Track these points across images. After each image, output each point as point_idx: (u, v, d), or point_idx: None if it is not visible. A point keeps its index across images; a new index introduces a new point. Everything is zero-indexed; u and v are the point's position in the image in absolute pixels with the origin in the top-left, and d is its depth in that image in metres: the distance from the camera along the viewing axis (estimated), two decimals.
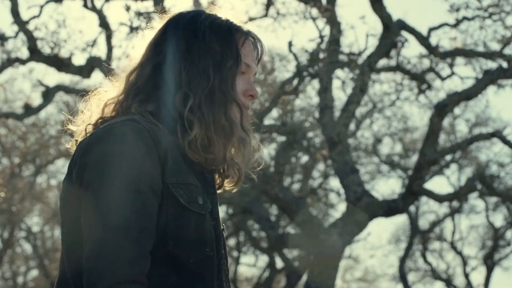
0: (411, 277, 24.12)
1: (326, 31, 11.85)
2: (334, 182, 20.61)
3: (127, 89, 2.07)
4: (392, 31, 11.42)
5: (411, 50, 68.52)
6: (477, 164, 19.12)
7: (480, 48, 12.14)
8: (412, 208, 20.97)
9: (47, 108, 15.81)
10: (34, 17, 11.85)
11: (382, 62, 12.72)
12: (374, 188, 21.15)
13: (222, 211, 19.19)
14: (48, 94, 12.90)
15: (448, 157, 18.56)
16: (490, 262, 22.04)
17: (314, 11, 11.82)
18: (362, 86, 11.50)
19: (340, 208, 21.01)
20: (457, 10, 11.82)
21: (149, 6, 11.19)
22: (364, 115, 18.36)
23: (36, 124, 18.71)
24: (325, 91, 11.61)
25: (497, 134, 12.20)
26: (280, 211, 17.32)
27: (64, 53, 11.83)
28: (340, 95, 23.09)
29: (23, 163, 20.69)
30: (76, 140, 2.08)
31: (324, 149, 13.61)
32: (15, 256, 25.84)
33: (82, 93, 2.22)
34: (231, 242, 22.57)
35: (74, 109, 2.19)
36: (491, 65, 11.88)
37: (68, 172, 1.99)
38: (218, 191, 2.16)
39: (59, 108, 19.05)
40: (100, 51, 12.43)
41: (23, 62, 12.04)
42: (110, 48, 11.74)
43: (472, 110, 19.21)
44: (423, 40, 11.88)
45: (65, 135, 2.18)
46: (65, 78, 22.53)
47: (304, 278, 15.19)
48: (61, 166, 22.30)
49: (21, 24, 11.68)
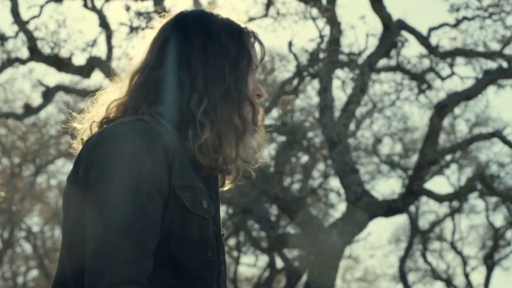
0: (411, 277, 24.12)
1: (326, 31, 11.87)
2: (334, 182, 20.62)
3: (134, 89, 2.05)
4: (392, 31, 11.42)
5: (411, 50, 68.49)
6: (477, 164, 19.11)
7: (480, 48, 12.14)
8: (412, 208, 20.96)
9: (47, 108, 15.80)
10: (34, 17, 11.86)
11: (382, 62, 12.73)
12: (374, 188, 21.15)
13: (222, 211, 19.13)
14: (48, 94, 12.90)
15: (448, 157, 18.55)
16: (490, 262, 22.03)
17: (314, 11, 11.83)
18: (362, 86, 11.50)
19: (340, 208, 21.02)
20: (457, 10, 11.83)
21: (149, 6, 11.20)
22: (364, 115, 18.36)
23: (36, 124, 18.71)
24: (325, 91, 11.62)
25: (497, 134, 12.20)
26: (280, 211, 17.32)
27: (64, 53, 11.83)
28: (340, 95, 23.09)
29: (23, 163, 20.69)
30: (82, 139, 2.07)
31: (324, 149, 13.62)
32: (15, 256, 25.84)
33: (88, 93, 2.22)
34: (231, 242, 22.54)
35: (77, 107, 2.19)
36: (491, 65, 11.88)
37: (74, 169, 1.98)
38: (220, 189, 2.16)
39: (59, 108, 19.04)
40: (100, 51, 12.46)
41: (23, 62, 12.04)
42: (110, 48, 11.74)
43: (472, 110, 19.22)
44: (423, 40, 11.88)
45: (66, 135, 2.18)
46: (65, 78, 22.53)
47: (304, 278, 15.19)
48: (61, 166, 22.33)
49: (21, 24, 11.68)
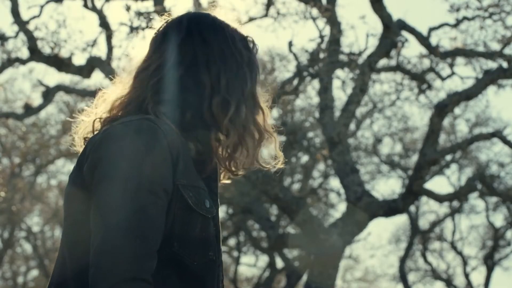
0: (411, 277, 24.12)
1: (326, 31, 11.87)
2: (334, 182, 20.63)
3: (139, 88, 2.04)
4: (392, 31, 11.42)
5: (411, 50, 68.59)
6: (477, 164, 19.11)
7: (480, 48, 12.14)
8: (412, 208, 20.97)
9: (47, 108, 15.81)
10: (34, 17, 11.85)
11: (382, 62, 12.73)
12: (374, 188, 21.16)
13: (222, 211, 19.19)
14: (48, 94, 12.89)
15: (448, 157, 18.56)
16: (490, 262, 22.03)
17: (314, 11, 11.83)
18: (362, 86, 11.50)
19: (340, 208, 21.03)
20: (457, 10, 11.83)
21: (149, 6, 11.19)
22: (364, 115, 18.37)
23: (36, 124, 18.72)
24: (325, 91, 11.61)
25: (497, 134, 12.20)
26: (280, 211, 17.32)
27: (64, 53, 11.82)
28: (340, 95, 23.13)
29: (23, 163, 20.69)
30: (85, 138, 2.06)
31: (324, 149, 13.62)
32: (15, 256, 25.84)
33: (88, 93, 2.21)
34: (231, 242, 22.55)
35: (78, 107, 2.19)
36: (491, 65, 11.88)
37: (77, 168, 1.98)
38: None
39: (59, 108, 19.06)
40: (100, 51, 12.45)
41: (23, 62, 12.03)
42: (110, 48, 11.74)
43: (472, 110, 19.22)
44: (423, 40, 11.88)
45: (66, 135, 2.17)
46: (65, 78, 22.54)
47: (304, 278, 15.19)
48: (61, 166, 22.33)
49: (21, 24, 11.68)
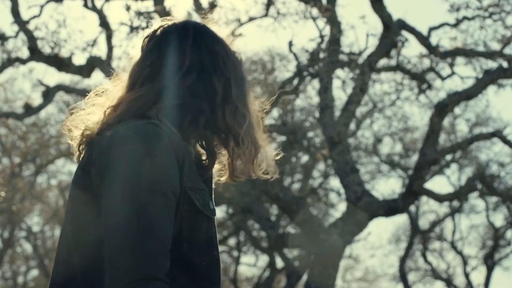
0: (411, 277, 24.12)
1: (327, 31, 11.87)
2: (334, 182, 20.63)
3: (144, 92, 2.05)
4: (393, 31, 11.42)
5: (411, 50, 68.57)
6: (477, 164, 19.10)
7: (481, 48, 12.14)
8: (412, 208, 20.96)
9: (47, 108, 15.83)
10: (34, 17, 11.86)
11: (383, 62, 12.73)
12: (374, 188, 21.15)
13: (222, 210, 19.20)
14: (48, 94, 12.89)
15: (448, 157, 18.56)
16: (490, 262, 22.03)
17: (315, 11, 11.83)
18: (363, 86, 11.50)
19: (340, 208, 21.04)
20: (458, 10, 11.83)
21: (149, 6, 11.20)
22: (364, 114, 18.36)
23: (36, 124, 18.72)
24: (325, 91, 11.61)
25: (497, 134, 12.19)
26: (280, 211, 17.32)
27: (64, 53, 11.83)
28: (340, 95, 23.14)
29: (23, 163, 20.69)
30: (84, 138, 2.05)
31: (324, 149, 13.61)
32: (15, 255, 25.85)
33: (88, 93, 2.20)
34: (231, 241, 22.56)
35: (78, 107, 2.18)
36: (491, 64, 11.88)
37: (82, 170, 1.99)
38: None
39: (59, 108, 19.06)
40: (100, 51, 12.47)
41: (23, 61, 12.03)
42: (110, 47, 11.74)
43: (472, 109, 19.21)
44: (424, 39, 11.88)
45: (66, 135, 2.16)
46: (65, 78, 22.52)
47: (304, 278, 15.19)
48: (61, 166, 22.32)
49: (22, 24, 11.68)
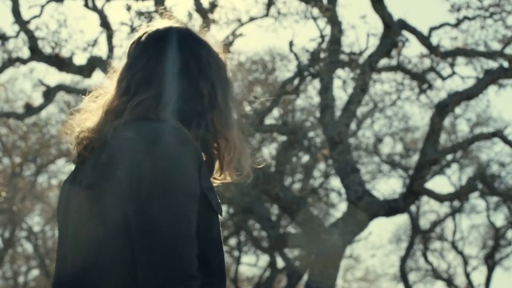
0: (412, 276, 24.12)
1: (327, 30, 11.87)
2: (335, 182, 20.64)
3: (146, 97, 2.08)
4: (393, 30, 11.42)
5: (412, 50, 68.49)
6: (478, 163, 19.10)
7: (481, 48, 12.14)
8: (413, 208, 20.96)
9: (48, 107, 15.81)
10: (35, 17, 11.85)
11: (383, 62, 12.73)
12: (375, 188, 21.15)
13: (223, 210, 19.17)
14: (49, 93, 12.89)
15: (449, 157, 18.56)
16: (491, 262, 22.02)
17: (315, 11, 11.83)
18: (363, 86, 11.50)
19: (341, 208, 21.04)
20: (458, 9, 11.83)
21: (150, 5, 11.19)
22: (365, 114, 18.37)
23: (37, 123, 18.72)
24: (326, 91, 11.61)
25: (498, 134, 12.19)
26: (281, 211, 17.32)
27: (65, 53, 11.83)
28: (341, 94, 23.14)
29: (24, 162, 20.70)
30: (87, 141, 2.08)
31: (325, 149, 13.62)
32: (16, 255, 25.86)
33: (89, 93, 2.22)
34: (232, 241, 22.57)
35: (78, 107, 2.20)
36: (492, 64, 11.88)
37: (101, 173, 2.01)
38: None
39: (60, 108, 19.06)
40: (101, 51, 12.44)
41: (24, 61, 12.03)
42: (111, 48, 11.74)
43: (473, 109, 19.20)
44: (424, 39, 11.87)
45: (66, 136, 2.17)
46: (66, 78, 22.53)
47: (305, 277, 15.19)
48: (62, 166, 22.31)
49: (22, 24, 11.68)
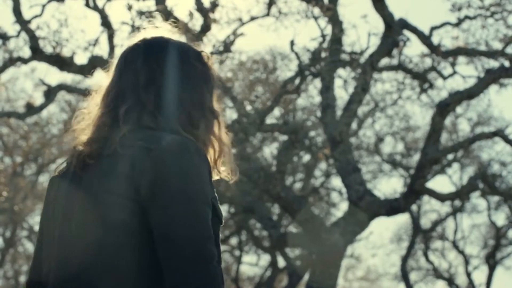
0: (413, 276, 24.12)
1: (328, 30, 11.87)
2: (336, 181, 20.65)
3: (146, 106, 2.13)
4: (394, 30, 11.42)
5: (413, 49, 68.33)
6: (479, 163, 19.10)
7: (482, 47, 12.14)
8: (414, 207, 20.96)
9: (49, 107, 15.80)
10: (36, 16, 11.85)
11: (384, 61, 12.72)
12: (376, 187, 21.15)
13: (224, 210, 19.20)
14: (50, 93, 12.89)
15: (450, 156, 18.55)
16: (492, 261, 22.03)
17: (316, 10, 11.83)
18: (364, 85, 11.50)
19: (342, 207, 21.05)
20: (459, 9, 11.83)
21: (151, 5, 11.19)
22: (366, 114, 18.36)
23: (38, 123, 18.74)
24: (327, 90, 11.62)
25: (499, 133, 12.19)
26: (282, 210, 17.32)
27: (66, 52, 11.83)
28: (342, 94, 23.13)
29: (25, 162, 20.71)
30: (92, 150, 2.11)
31: (326, 148, 13.63)
32: (17, 255, 25.86)
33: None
34: (233, 241, 22.57)
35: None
36: (493, 64, 11.88)
37: (120, 181, 2.02)
38: None
39: (61, 107, 19.08)
40: (102, 50, 12.42)
41: (25, 61, 12.03)
42: (112, 47, 11.74)
43: (474, 109, 19.19)
44: (425, 39, 11.87)
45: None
46: (67, 77, 22.53)
47: (306, 277, 15.19)
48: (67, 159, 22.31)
49: (23, 23, 11.68)
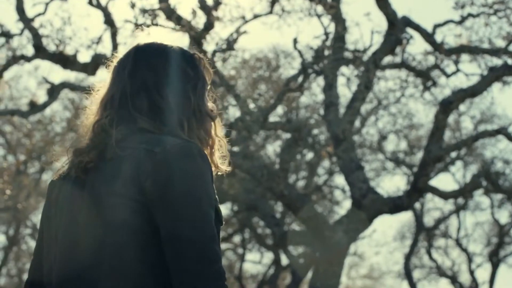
0: (416, 274, 24.11)
1: (331, 28, 11.86)
2: (339, 179, 20.63)
3: (146, 110, 2.18)
4: (397, 28, 11.41)
5: (416, 47, 67.78)
6: (482, 161, 19.07)
7: (485, 45, 12.13)
8: (417, 205, 20.94)
9: (53, 105, 15.80)
10: (39, 15, 11.86)
11: (387, 59, 12.71)
12: (379, 185, 21.14)
13: (227, 208, 19.21)
14: (53, 91, 12.91)
15: (453, 154, 18.54)
16: (495, 259, 22.01)
17: (319, 8, 11.82)
18: (367, 83, 11.49)
19: (345, 205, 21.04)
20: (462, 7, 11.81)
21: (154, 3, 11.19)
22: (369, 112, 18.34)
23: (42, 121, 18.73)
24: (330, 88, 11.62)
25: (502, 131, 12.18)
26: (285, 208, 17.32)
27: (69, 51, 11.84)
28: (345, 92, 22.98)
29: (29, 160, 20.72)
30: (95, 154, 2.21)
31: (329, 146, 13.62)
32: (20, 253, 25.89)
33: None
34: (236, 239, 22.58)
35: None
36: (496, 62, 11.87)
37: (126, 183, 2.06)
38: None
39: (64, 105, 19.07)
40: (105, 48, 12.40)
41: (28, 59, 12.04)
42: (115, 45, 11.74)
43: (477, 107, 19.16)
44: (428, 37, 11.86)
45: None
46: (70, 76, 22.53)
47: (309, 275, 15.19)
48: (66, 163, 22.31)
49: (26, 22, 11.69)
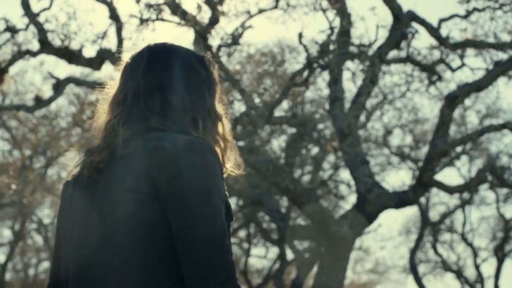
0: (421, 268, 24.13)
1: (336, 22, 11.85)
2: (345, 174, 20.66)
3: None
4: (403, 22, 11.39)
5: (421, 42, 67.87)
6: (488, 155, 19.06)
7: (491, 39, 12.10)
8: (422, 200, 20.96)
9: (58, 100, 15.83)
10: (44, 9, 11.87)
11: (393, 54, 12.70)
12: (385, 180, 21.17)
13: (233, 203, 19.23)
14: (59, 86, 12.92)
15: (459, 149, 18.53)
16: (500, 254, 22.02)
17: (324, 3, 11.81)
18: (373, 78, 11.48)
19: (350, 200, 21.05)
20: (468, 1, 11.79)
21: None
22: (374, 106, 18.34)
23: (47, 116, 18.76)
24: (335, 83, 11.61)
25: (508, 126, 12.15)
26: (290, 203, 17.33)
27: (74, 45, 11.85)
28: (350, 86, 23.09)
29: (34, 155, 20.76)
30: (107, 151, 2.22)
31: (335, 141, 13.61)
32: (26, 248, 25.98)
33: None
34: (242, 233, 22.61)
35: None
36: (502, 56, 11.85)
37: (138, 179, 2.08)
38: None
39: (69, 100, 19.09)
40: (111, 43, 12.41)
41: (33, 54, 12.05)
42: (120, 40, 11.74)
43: (482, 101, 19.15)
44: (434, 31, 11.84)
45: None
46: (76, 70, 22.55)
47: (315, 269, 15.19)
48: (72, 158, 22.36)
49: (32, 17, 11.71)
